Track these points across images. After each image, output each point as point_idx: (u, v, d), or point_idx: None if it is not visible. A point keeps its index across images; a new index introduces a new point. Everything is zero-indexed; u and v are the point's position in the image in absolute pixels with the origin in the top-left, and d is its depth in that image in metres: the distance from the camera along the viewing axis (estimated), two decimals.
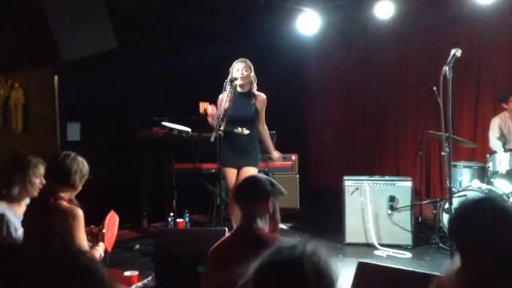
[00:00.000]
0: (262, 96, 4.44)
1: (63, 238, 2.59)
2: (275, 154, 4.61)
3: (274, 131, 5.17)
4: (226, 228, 3.22)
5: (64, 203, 2.68)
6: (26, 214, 2.81)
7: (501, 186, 4.61)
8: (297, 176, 6.31)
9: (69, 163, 2.72)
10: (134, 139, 5.73)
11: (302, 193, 6.35)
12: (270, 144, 4.59)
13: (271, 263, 1.20)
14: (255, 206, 2.15)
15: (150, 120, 5.38)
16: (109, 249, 2.98)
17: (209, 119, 4.34)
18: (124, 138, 5.89)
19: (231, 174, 4.42)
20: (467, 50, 4.74)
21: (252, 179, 2.35)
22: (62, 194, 2.71)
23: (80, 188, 2.81)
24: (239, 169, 4.41)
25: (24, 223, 2.82)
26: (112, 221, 3.03)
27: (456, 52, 3.59)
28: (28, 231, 2.77)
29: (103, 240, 2.91)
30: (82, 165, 2.78)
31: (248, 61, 4.39)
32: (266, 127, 4.53)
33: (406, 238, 4.72)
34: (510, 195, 4.47)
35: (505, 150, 4.65)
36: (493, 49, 5.83)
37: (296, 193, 6.24)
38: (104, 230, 2.93)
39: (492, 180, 4.70)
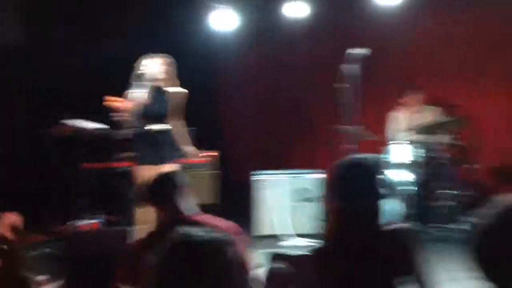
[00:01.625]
0: (177, 90, 4.33)
1: None
2: (187, 149, 4.47)
3: (195, 128, 5.13)
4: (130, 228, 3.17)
5: None
6: None
7: (392, 176, 4.99)
8: (215, 172, 6.33)
9: None
10: (43, 137, 5.45)
11: (221, 189, 6.37)
12: (183, 139, 4.44)
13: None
14: None
15: (60, 118, 5.13)
16: None
17: (118, 115, 4.17)
18: (32, 137, 5.58)
19: (146, 171, 4.33)
20: (374, 50, 5.02)
21: None
22: None
23: None
24: (154, 167, 4.33)
25: None
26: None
27: (363, 51, 3.82)
28: None
29: None
30: None
31: (169, 57, 4.31)
32: (180, 123, 4.38)
33: (318, 227, 4.92)
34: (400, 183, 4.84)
35: (398, 143, 5.03)
36: (398, 49, 6.24)
37: (214, 189, 6.26)
38: None
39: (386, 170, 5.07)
